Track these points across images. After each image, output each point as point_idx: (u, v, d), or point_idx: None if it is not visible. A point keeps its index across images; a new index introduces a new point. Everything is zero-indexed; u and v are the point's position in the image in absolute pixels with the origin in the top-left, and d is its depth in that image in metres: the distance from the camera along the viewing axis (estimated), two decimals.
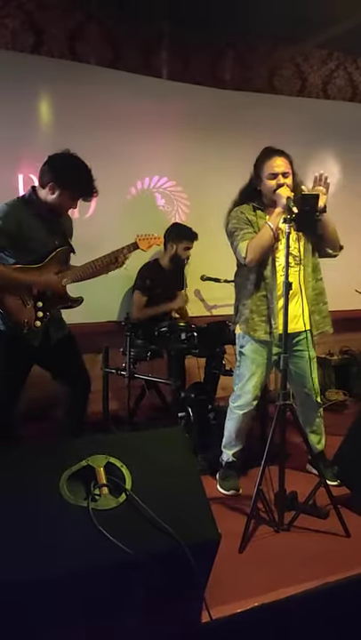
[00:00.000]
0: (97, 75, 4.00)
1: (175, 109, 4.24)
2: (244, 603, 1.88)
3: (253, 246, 2.65)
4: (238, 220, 2.75)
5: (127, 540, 1.65)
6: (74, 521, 1.67)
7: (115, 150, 4.04)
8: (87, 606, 1.68)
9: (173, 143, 4.24)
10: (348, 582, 2.02)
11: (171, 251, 3.91)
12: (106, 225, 3.98)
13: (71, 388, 2.91)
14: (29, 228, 2.65)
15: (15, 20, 3.79)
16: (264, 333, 2.74)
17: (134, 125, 4.09)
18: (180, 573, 1.69)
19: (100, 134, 3.98)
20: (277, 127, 4.43)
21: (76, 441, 2.15)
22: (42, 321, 2.70)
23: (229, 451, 2.93)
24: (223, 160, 4.40)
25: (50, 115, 3.89)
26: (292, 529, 2.43)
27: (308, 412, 2.91)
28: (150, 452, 1.94)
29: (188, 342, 3.33)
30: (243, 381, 2.83)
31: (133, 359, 3.47)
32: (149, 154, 4.18)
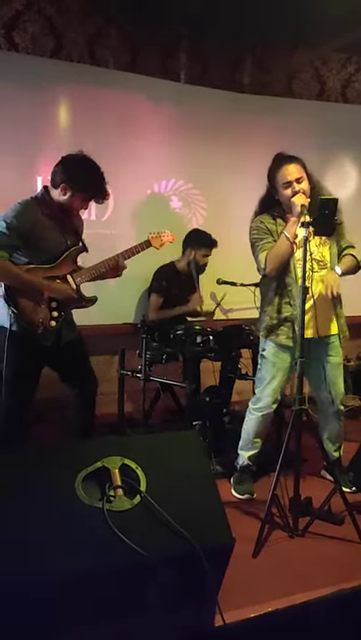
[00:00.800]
0: (115, 78, 4.04)
1: (193, 113, 4.26)
2: (258, 607, 1.87)
3: (271, 257, 2.67)
4: (258, 230, 2.76)
5: (141, 542, 1.65)
6: (89, 521, 1.67)
7: (132, 153, 4.06)
8: (100, 607, 1.68)
9: (191, 146, 4.25)
10: None
11: (189, 256, 3.91)
12: (123, 227, 4.01)
13: (79, 389, 2.92)
14: (42, 228, 2.65)
15: (35, 25, 3.83)
16: (286, 338, 2.74)
17: (152, 129, 4.12)
18: (193, 576, 1.69)
19: (119, 137, 4.00)
20: (296, 131, 4.42)
21: (91, 442, 2.16)
22: (57, 321, 2.70)
23: (246, 453, 2.91)
24: (241, 164, 4.40)
25: (68, 118, 3.93)
26: (306, 534, 2.42)
27: (329, 418, 2.89)
28: (165, 454, 1.94)
29: (204, 346, 3.33)
30: (263, 384, 2.83)
31: (149, 362, 3.48)
32: (167, 157, 4.20)
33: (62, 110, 3.92)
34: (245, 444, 2.92)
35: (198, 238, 3.90)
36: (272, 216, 2.76)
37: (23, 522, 1.63)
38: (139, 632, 1.71)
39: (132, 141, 4.06)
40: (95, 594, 1.65)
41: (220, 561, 1.79)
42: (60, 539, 1.62)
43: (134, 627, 1.71)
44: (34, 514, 1.65)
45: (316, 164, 2.81)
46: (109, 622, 1.69)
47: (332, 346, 2.81)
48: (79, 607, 1.64)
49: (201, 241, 3.88)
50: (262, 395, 2.83)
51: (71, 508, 1.68)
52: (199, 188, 4.37)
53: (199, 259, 3.88)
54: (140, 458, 1.86)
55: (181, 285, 3.93)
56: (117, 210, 4.07)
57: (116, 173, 4.03)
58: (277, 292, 2.76)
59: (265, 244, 2.72)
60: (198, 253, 3.87)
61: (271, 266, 2.66)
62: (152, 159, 4.16)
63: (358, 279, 2.92)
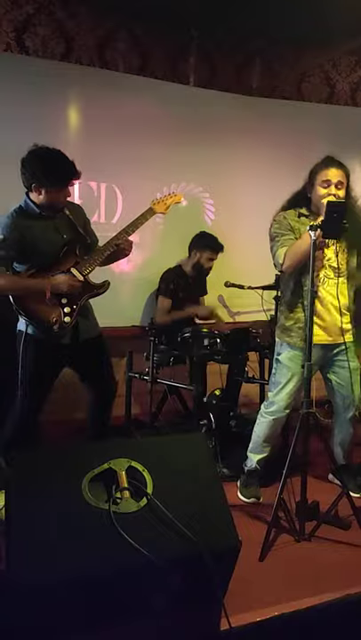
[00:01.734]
0: (125, 82, 4.06)
1: (203, 116, 4.27)
2: (265, 611, 1.87)
3: (291, 253, 2.63)
4: (280, 224, 2.73)
5: (147, 545, 1.65)
6: (95, 523, 1.67)
7: (142, 156, 4.08)
8: (107, 609, 1.68)
9: (201, 150, 4.26)
10: None
11: (194, 258, 3.91)
12: None
13: (97, 392, 2.91)
14: (33, 232, 2.62)
15: (46, 28, 3.86)
16: (300, 341, 2.72)
17: (162, 132, 4.13)
18: (199, 579, 1.69)
19: (128, 140, 4.02)
20: (305, 134, 4.42)
21: (98, 444, 2.16)
22: (71, 316, 2.66)
23: (255, 456, 2.90)
24: (250, 166, 4.41)
25: (78, 121, 3.95)
26: (313, 539, 2.40)
27: (342, 423, 2.87)
28: (172, 457, 1.93)
29: (211, 348, 3.33)
30: (277, 389, 2.81)
31: (156, 364, 3.48)
32: (176, 160, 4.21)
33: (72, 113, 3.94)
34: (255, 446, 2.91)
35: (204, 241, 3.90)
36: (298, 214, 2.73)
37: (29, 523, 1.63)
38: (145, 635, 1.71)
39: (142, 144, 4.07)
40: (101, 596, 1.65)
41: (226, 564, 1.79)
42: (67, 540, 1.62)
43: (140, 629, 1.71)
44: (40, 515, 1.65)
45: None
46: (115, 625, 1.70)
47: (348, 350, 2.77)
48: (85, 609, 1.64)
49: (207, 244, 3.88)
50: (276, 399, 2.81)
51: (78, 509, 1.69)
52: (208, 192, 4.38)
53: (204, 262, 3.88)
54: (146, 460, 1.86)
55: (188, 288, 3.94)
56: (126, 213, 4.08)
57: (126, 176, 4.07)
58: (294, 293, 2.74)
59: (286, 239, 2.68)
60: (203, 256, 3.87)
61: (289, 262, 2.63)
62: (162, 162, 4.17)
63: None
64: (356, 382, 2.81)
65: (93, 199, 3.95)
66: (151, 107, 4.10)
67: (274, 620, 1.84)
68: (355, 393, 2.80)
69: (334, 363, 2.80)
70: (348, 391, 2.79)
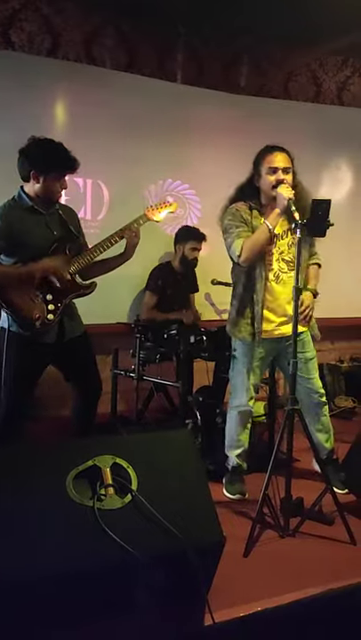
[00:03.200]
0: (112, 78, 4.05)
1: (190, 114, 4.27)
2: (248, 607, 1.88)
3: (249, 246, 2.62)
4: (233, 216, 2.72)
5: (132, 541, 1.65)
6: (79, 520, 1.68)
7: (129, 153, 4.07)
8: (90, 605, 1.69)
9: (187, 147, 4.26)
10: (353, 589, 2.01)
11: (179, 252, 3.93)
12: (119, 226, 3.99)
13: (82, 391, 2.90)
14: (23, 225, 2.62)
15: (32, 24, 3.83)
16: (248, 335, 2.74)
17: (149, 129, 4.13)
18: (183, 575, 1.70)
19: (115, 137, 4.01)
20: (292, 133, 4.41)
21: (82, 441, 2.16)
22: (54, 313, 2.65)
23: (232, 452, 2.92)
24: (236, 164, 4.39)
25: (64, 117, 3.94)
26: (297, 535, 2.42)
27: (310, 409, 2.87)
28: (157, 453, 1.94)
29: (197, 345, 3.34)
30: (236, 384, 2.85)
31: (142, 361, 3.49)
32: (163, 157, 4.21)
33: (58, 109, 3.93)
34: (230, 443, 2.93)
35: (185, 233, 3.93)
36: (248, 206, 2.73)
37: (12, 519, 1.63)
38: (128, 631, 1.72)
39: (129, 141, 4.06)
40: (85, 593, 1.65)
41: (210, 560, 1.80)
42: (50, 537, 1.62)
43: (124, 626, 1.71)
44: (24, 512, 1.65)
45: (311, 167, 2.84)
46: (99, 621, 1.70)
47: (302, 342, 2.78)
48: (68, 606, 1.64)
49: (187, 235, 3.90)
50: (237, 394, 2.85)
51: (61, 506, 1.69)
52: (195, 189, 4.38)
53: (188, 253, 3.90)
54: (131, 457, 1.86)
55: (176, 285, 3.94)
56: (112, 209, 4.08)
57: (112, 173, 4.06)
58: (244, 286, 2.74)
59: (241, 232, 2.67)
60: (186, 247, 3.89)
61: (247, 254, 2.62)
62: (148, 159, 4.16)
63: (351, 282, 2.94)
64: (315, 371, 2.85)
65: (79, 195, 3.94)
66: (138, 104, 4.09)
67: (257, 616, 1.85)
68: (316, 380, 2.85)
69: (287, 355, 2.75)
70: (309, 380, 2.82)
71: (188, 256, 3.91)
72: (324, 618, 1.95)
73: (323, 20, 3.86)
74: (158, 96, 4.17)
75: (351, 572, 2.12)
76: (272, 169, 2.65)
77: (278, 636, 1.89)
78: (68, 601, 1.63)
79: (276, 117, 4.50)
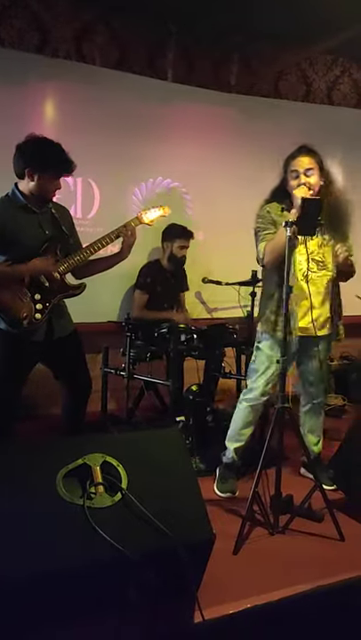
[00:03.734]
0: (102, 76, 4.03)
1: (180, 112, 4.27)
2: (237, 604, 1.89)
3: (270, 248, 2.65)
4: (263, 219, 2.75)
5: (122, 539, 1.65)
6: (69, 519, 1.67)
7: (119, 151, 4.06)
8: (81, 604, 1.68)
9: (178, 145, 4.26)
10: (341, 586, 2.03)
11: (167, 250, 3.93)
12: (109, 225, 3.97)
13: (71, 389, 2.90)
14: (16, 222, 2.61)
15: (22, 20, 3.81)
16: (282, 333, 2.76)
17: (139, 127, 4.12)
18: (173, 573, 1.70)
19: (105, 135, 4.00)
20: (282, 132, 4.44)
21: (72, 439, 2.16)
22: (42, 313, 2.65)
23: (232, 445, 2.92)
24: (228, 162, 4.43)
25: (54, 115, 3.92)
26: (286, 532, 2.44)
27: (313, 411, 2.96)
28: (147, 451, 1.94)
29: (188, 344, 3.34)
30: (256, 376, 2.84)
31: (133, 360, 3.48)
32: (154, 155, 4.21)
33: (48, 107, 3.91)
34: (232, 434, 2.93)
35: (172, 231, 3.92)
36: (281, 208, 2.75)
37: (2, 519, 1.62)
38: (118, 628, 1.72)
39: (119, 139, 4.06)
40: (74, 591, 1.65)
41: (200, 558, 1.80)
42: (40, 536, 1.62)
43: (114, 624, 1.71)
44: (13, 511, 1.64)
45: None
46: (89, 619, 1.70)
47: (323, 344, 2.85)
48: (58, 604, 1.64)
49: (174, 233, 3.90)
50: (253, 386, 2.84)
51: (51, 505, 1.68)
52: (186, 187, 4.38)
53: (176, 251, 3.90)
54: (121, 455, 1.86)
55: (166, 282, 3.95)
56: (103, 208, 4.07)
57: (103, 171, 4.05)
58: (277, 285, 2.75)
59: (267, 234, 2.70)
60: (174, 246, 3.89)
61: (268, 257, 2.65)
62: (139, 157, 4.16)
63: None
64: (326, 373, 2.94)
65: (69, 194, 3.92)
66: (129, 101, 4.08)
67: (246, 612, 1.86)
68: (324, 383, 2.93)
69: (311, 354, 2.85)
70: (320, 382, 2.90)
71: (177, 254, 3.91)
72: (314, 614, 1.96)
73: (313, 19, 3.87)
74: (149, 94, 4.16)
75: (340, 568, 2.14)
76: (295, 172, 2.68)
77: (268, 632, 1.90)
78: (58, 600, 1.63)
79: (266, 116, 4.51)
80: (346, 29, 3.96)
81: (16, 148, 2.63)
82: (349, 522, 2.52)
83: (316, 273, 2.74)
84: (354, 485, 2.66)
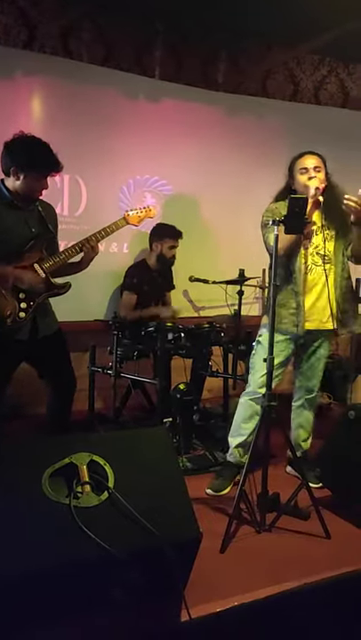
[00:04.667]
0: (89, 72, 4.01)
1: (167, 109, 4.26)
2: (224, 602, 1.89)
3: (282, 237, 2.65)
4: (273, 213, 2.79)
5: (108, 538, 1.64)
6: (55, 518, 1.66)
7: (106, 148, 4.05)
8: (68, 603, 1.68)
9: (165, 143, 4.25)
10: (328, 583, 2.04)
11: (156, 250, 3.92)
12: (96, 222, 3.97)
13: (56, 388, 2.88)
14: (2, 220, 2.59)
15: (8, 16, 3.78)
16: (292, 325, 2.78)
17: (126, 124, 4.11)
18: (160, 572, 1.70)
19: (92, 132, 3.98)
20: (269, 131, 4.47)
21: (59, 439, 2.14)
22: (26, 312, 2.63)
23: (233, 440, 2.91)
24: (214, 161, 4.43)
25: (41, 111, 3.89)
26: (273, 530, 2.44)
27: (304, 407, 2.99)
28: (134, 450, 1.94)
29: (175, 343, 3.33)
30: (254, 369, 2.87)
31: (120, 358, 3.47)
32: (141, 153, 4.19)
33: (35, 103, 3.88)
34: (233, 429, 2.93)
35: (161, 231, 3.91)
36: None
37: None
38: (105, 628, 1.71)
39: (106, 136, 4.04)
40: (61, 591, 1.64)
41: (186, 556, 1.80)
42: (26, 535, 1.61)
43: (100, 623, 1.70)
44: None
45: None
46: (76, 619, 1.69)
47: (323, 341, 2.91)
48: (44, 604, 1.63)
49: (164, 233, 3.89)
50: (252, 379, 2.86)
51: (37, 504, 1.67)
52: (173, 185, 4.37)
53: (166, 252, 3.89)
54: (108, 454, 1.85)
55: (153, 282, 3.93)
56: (90, 205, 4.05)
57: (90, 169, 4.03)
58: (283, 279, 2.78)
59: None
60: (164, 246, 3.88)
61: (281, 244, 2.63)
62: (126, 155, 4.15)
63: None
64: (322, 370, 2.97)
65: (56, 191, 3.90)
66: (116, 98, 4.07)
67: (233, 610, 1.86)
68: (320, 379, 2.98)
69: (311, 350, 2.90)
70: (317, 378, 2.96)
71: (167, 255, 3.89)
72: (300, 612, 1.97)
73: (300, 18, 3.88)
74: (136, 91, 4.15)
75: (326, 566, 2.15)
76: (304, 169, 2.77)
77: (255, 630, 1.91)
78: (44, 599, 1.62)
79: (254, 115, 4.52)
80: (333, 29, 3.97)
81: (4, 146, 2.62)
82: (335, 519, 2.54)
83: (321, 267, 2.77)
84: (340, 483, 2.68)
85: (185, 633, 1.78)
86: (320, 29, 4.03)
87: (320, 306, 2.80)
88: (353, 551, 2.29)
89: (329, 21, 3.86)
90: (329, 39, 4.10)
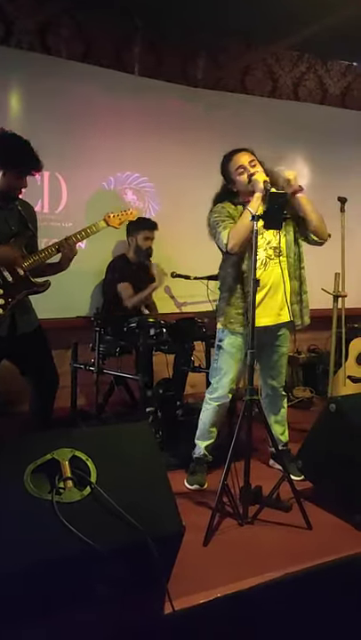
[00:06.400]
0: (69, 68, 3.98)
1: (148, 106, 4.25)
2: (207, 594, 1.91)
3: (234, 232, 2.67)
4: (220, 213, 2.79)
5: (91, 533, 1.65)
6: (37, 514, 1.66)
7: (86, 145, 4.03)
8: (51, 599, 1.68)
9: (146, 139, 4.25)
10: (309, 573, 2.07)
11: (132, 244, 3.93)
12: (77, 219, 3.97)
13: (38, 385, 2.87)
14: None
15: None
16: (240, 326, 2.78)
17: (107, 121, 4.10)
18: (143, 565, 1.71)
19: (72, 129, 3.96)
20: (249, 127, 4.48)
21: (40, 435, 2.14)
22: (4, 308, 2.62)
23: (202, 443, 2.95)
24: (195, 158, 4.43)
25: (19, 107, 3.86)
26: (255, 522, 2.47)
27: (273, 403, 3.00)
28: (116, 445, 1.94)
29: (157, 338, 3.34)
30: (220, 375, 2.87)
31: (102, 355, 3.47)
32: (121, 149, 4.18)
33: (13, 99, 3.84)
34: (202, 433, 2.96)
35: (135, 224, 3.90)
36: (233, 203, 2.81)
37: None
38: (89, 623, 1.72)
39: (86, 133, 4.02)
40: (45, 586, 1.64)
41: (170, 550, 1.82)
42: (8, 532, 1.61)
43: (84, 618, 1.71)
44: None
45: (267, 160, 2.86)
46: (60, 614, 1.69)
47: (283, 336, 2.91)
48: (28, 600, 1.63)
49: (138, 225, 3.89)
50: (219, 385, 2.88)
51: (19, 500, 1.67)
52: (153, 181, 4.37)
53: (141, 243, 3.90)
54: (90, 449, 1.86)
55: (133, 275, 3.94)
56: (71, 202, 4.04)
57: (70, 166, 4.01)
58: (234, 279, 2.79)
59: (228, 224, 2.74)
60: (139, 237, 3.89)
61: (234, 241, 2.66)
62: (106, 151, 4.13)
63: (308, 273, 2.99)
64: (286, 366, 3.00)
65: (37, 188, 3.87)
66: (96, 94, 4.05)
67: (217, 602, 1.88)
68: (284, 375, 3.00)
69: (271, 346, 2.90)
70: (280, 374, 2.97)
71: (142, 246, 3.90)
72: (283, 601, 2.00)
73: (278, 15, 3.90)
74: (116, 87, 4.13)
75: (308, 556, 2.18)
76: (241, 167, 2.74)
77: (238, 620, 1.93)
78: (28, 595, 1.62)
79: (233, 111, 4.53)
80: (310, 25, 4.00)
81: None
82: (317, 510, 2.57)
83: (273, 260, 2.78)
84: (321, 475, 2.72)
85: (169, 625, 1.79)
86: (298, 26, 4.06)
87: (276, 300, 2.80)
88: (334, 541, 2.33)
89: (307, 18, 3.89)
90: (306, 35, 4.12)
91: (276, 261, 2.78)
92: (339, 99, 5.22)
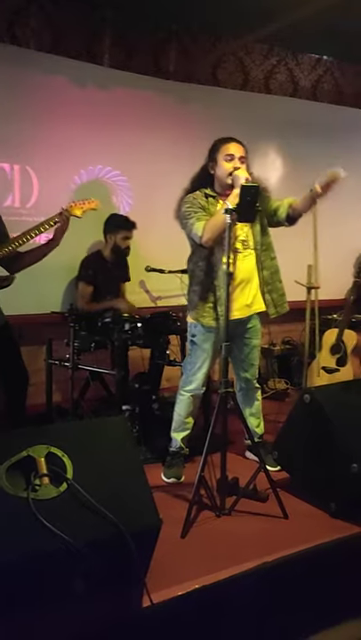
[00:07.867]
0: (37, 59, 3.91)
1: (118, 98, 4.21)
2: (185, 585, 1.92)
3: (210, 226, 2.66)
4: (191, 204, 2.78)
5: (68, 529, 1.65)
6: (13, 512, 1.65)
7: (57, 138, 3.97)
8: (28, 595, 1.67)
9: (117, 132, 4.21)
10: (286, 561, 2.10)
11: (110, 242, 3.90)
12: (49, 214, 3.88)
13: (8, 382, 2.85)
14: None
15: None
16: (212, 320, 2.79)
17: (77, 113, 4.04)
18: (121, 560, 1.71)
19: (41, 121, 3.90)
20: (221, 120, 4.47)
21: (15, 433, 2.12)
22: None
23: (178, 435, 2.96)
24: (167, 150, 4.41)
25: None
26: (233, 513, 2.49)
27: (248, 396, 3.03)
28: (92, 441, 1.94)
29: (132, 333, 3.33)
30: (194, 369, 2.89)
31: (77, 350, 3.44)
32: (92, 142, 4.14)
33: None
34: (178, 425, 2.97)
35: (115, 222, 3.89)
36: (204, 194, 2.80)
37: None
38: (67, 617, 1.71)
39: (56, 126, 3.96)
40: (22, 583, 1.63)
41: (147, 543, 1.82)
42: None
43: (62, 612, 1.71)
44: None
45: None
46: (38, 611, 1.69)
47: (254, 329, 2.93)
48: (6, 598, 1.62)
49: (117, 224, 3.87)
50: (193, 378, 2.90)
51: None
52: (126, 175, 4.34)
53: (120, 243, 3.88)
54: (66, 445, 1.85)
55: (108, 272, 3.92)
56: (42, 196, 3.98)
57: (40, 159, 3.95)
58: (204, 272, 2.79)
59: (201, 215, 2.73)
60: (118, 237, 3.87)
61: (208, 235, 2.66)
62: (77, 144, 4.08)
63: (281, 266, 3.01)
64: (258, 358, 3.01)
65: (7, 182, 3.82)
66: (65, 86, 3.99)
67: (195, 593, 1.89)
68: (256, 367, 3.01)
69: (241, 339, 2.92)
70: (252, 366, 2.98)
71: (121, 245, 3.88)
72: (259, 590, 2.02)
73: (249, 7, 3.90)
74: (86, 79, 4.08)
75: (284, 544, 2.21)
76: (229, 156, 2.73)
77: (216, 610, 1.95)
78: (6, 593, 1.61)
79: (205, 104, 4.52)
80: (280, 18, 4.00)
81: None
82: (293, 500, 2.61)
83: (242, 253, 2.80)
84: (297, 465, 2.75)
85: (147, 618, 1.80)
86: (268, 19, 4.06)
87: (247, 291, 2.82)
88: (309, 529, 2.36)
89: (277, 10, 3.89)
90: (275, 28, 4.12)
91: (245, 254, 2.79)
92: (310, 92, 5.25)
